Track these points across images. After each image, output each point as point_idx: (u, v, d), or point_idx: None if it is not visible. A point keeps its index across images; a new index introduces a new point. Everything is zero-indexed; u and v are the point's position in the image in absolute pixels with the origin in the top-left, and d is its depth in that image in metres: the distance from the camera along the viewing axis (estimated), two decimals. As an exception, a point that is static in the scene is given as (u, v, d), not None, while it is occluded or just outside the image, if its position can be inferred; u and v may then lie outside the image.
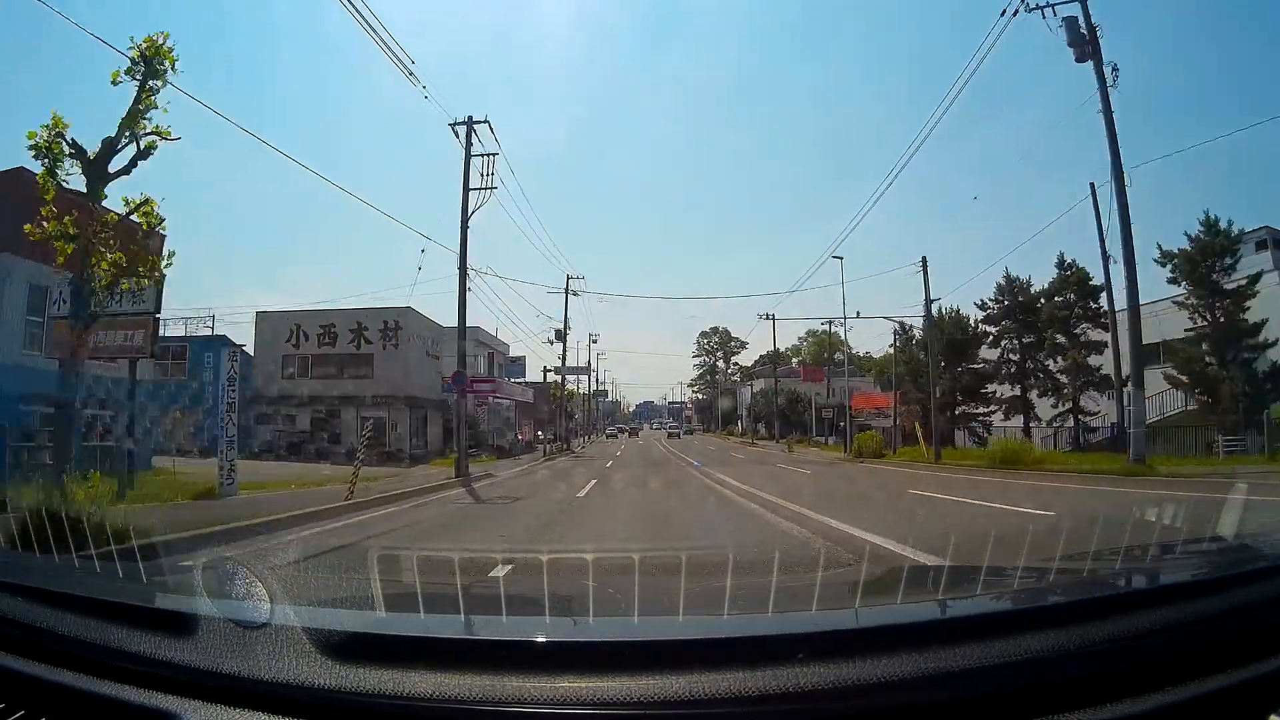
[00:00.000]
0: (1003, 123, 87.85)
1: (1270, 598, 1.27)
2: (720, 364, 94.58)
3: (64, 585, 1.50)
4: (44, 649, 1.21)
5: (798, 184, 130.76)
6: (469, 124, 20.44)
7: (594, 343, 55.43)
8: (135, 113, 8.96)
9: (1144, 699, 1.03)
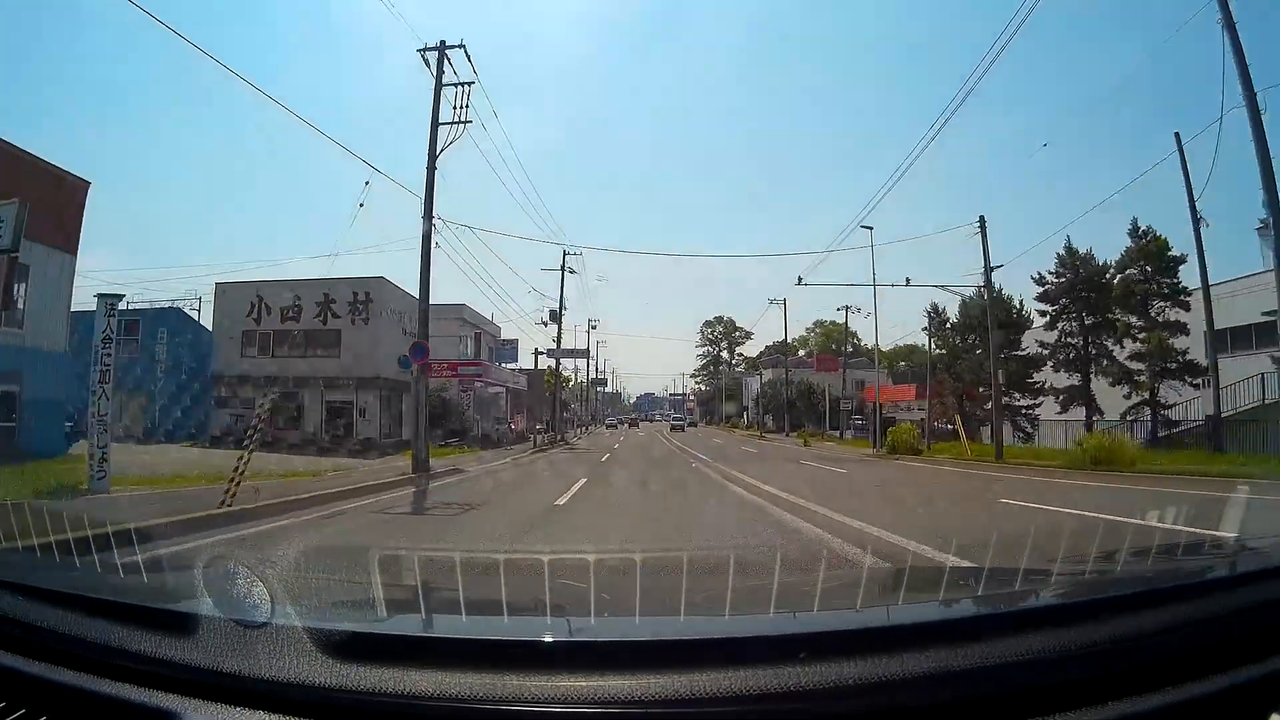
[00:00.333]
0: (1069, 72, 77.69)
1: (1270, 598, 1.27)
2: (724, 354, 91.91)
3: (64, 584, 1.50)
4: (44, 648, 1.20)
5: (820, 151, 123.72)
6: (441, 49, 17.06)
7: (593, 328, 51.06)
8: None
9: (1145, 699, 1.03)
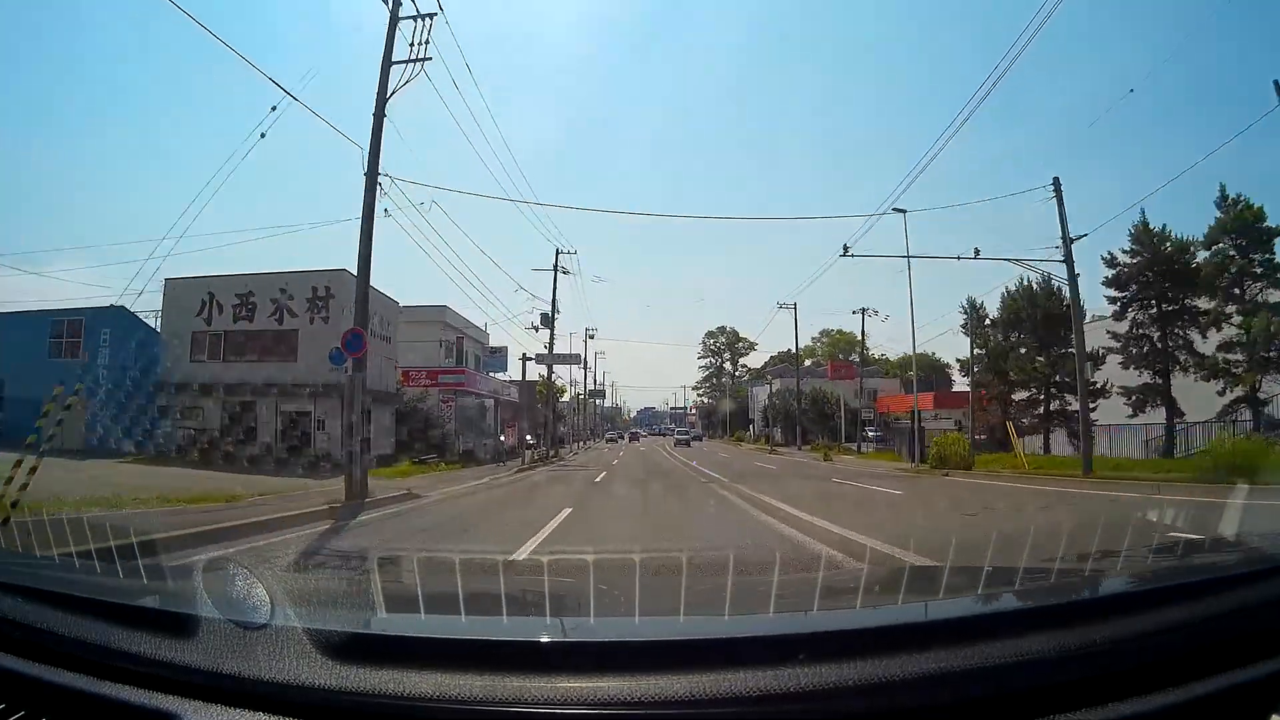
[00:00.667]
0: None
1: (1271, 598, 1.26)
2: (727, 366, 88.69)
3: (64, 586, 1.49)
4: (44, 649, 1.19)
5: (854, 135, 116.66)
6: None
7: (590, 337, 47.71)
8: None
9: (1145, 699, 1.02)
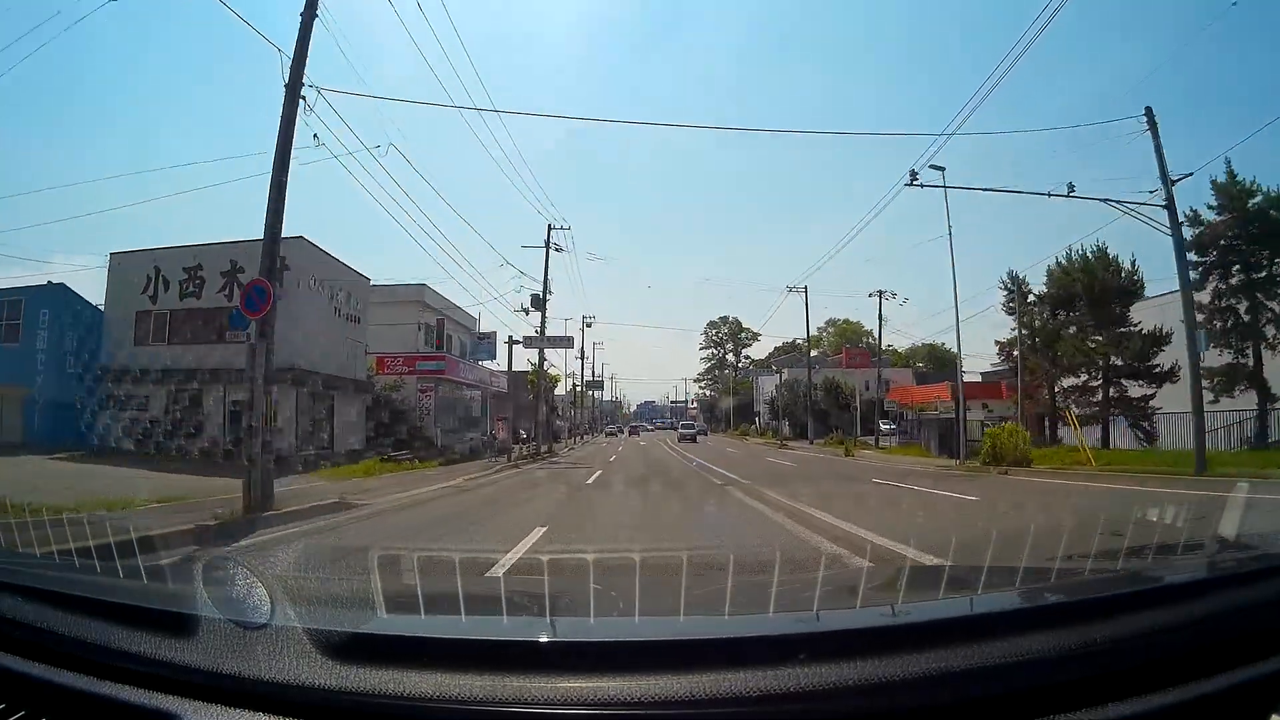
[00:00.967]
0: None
1: (1271, 598, 1.26)
2: (730, 357, 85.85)
3: (64, 585, 1.48)
4: (45, 649, 1.19)
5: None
6: None
7: (588, 326, 44.58)
8: None
9: (1146, 699, 1.02)
